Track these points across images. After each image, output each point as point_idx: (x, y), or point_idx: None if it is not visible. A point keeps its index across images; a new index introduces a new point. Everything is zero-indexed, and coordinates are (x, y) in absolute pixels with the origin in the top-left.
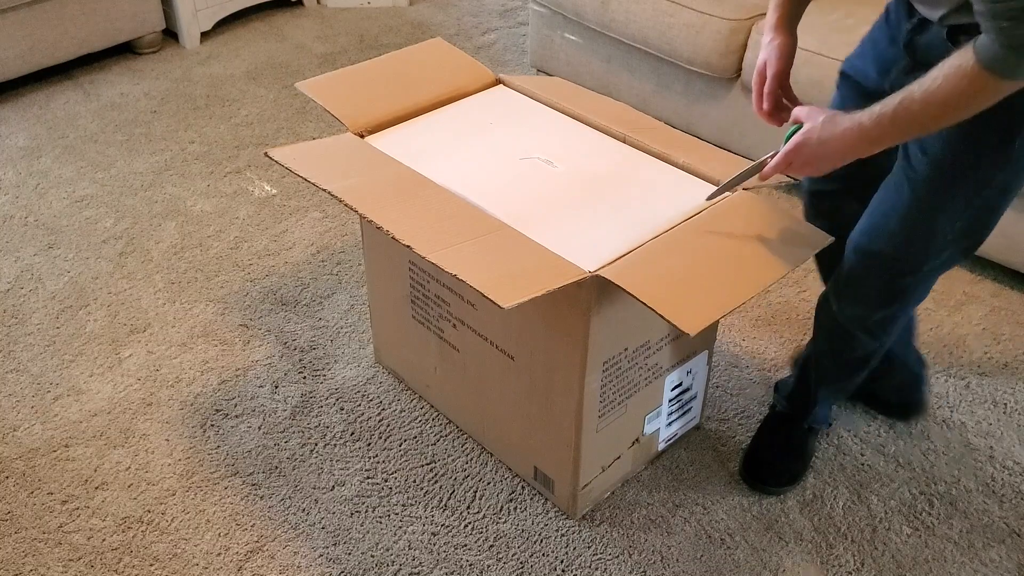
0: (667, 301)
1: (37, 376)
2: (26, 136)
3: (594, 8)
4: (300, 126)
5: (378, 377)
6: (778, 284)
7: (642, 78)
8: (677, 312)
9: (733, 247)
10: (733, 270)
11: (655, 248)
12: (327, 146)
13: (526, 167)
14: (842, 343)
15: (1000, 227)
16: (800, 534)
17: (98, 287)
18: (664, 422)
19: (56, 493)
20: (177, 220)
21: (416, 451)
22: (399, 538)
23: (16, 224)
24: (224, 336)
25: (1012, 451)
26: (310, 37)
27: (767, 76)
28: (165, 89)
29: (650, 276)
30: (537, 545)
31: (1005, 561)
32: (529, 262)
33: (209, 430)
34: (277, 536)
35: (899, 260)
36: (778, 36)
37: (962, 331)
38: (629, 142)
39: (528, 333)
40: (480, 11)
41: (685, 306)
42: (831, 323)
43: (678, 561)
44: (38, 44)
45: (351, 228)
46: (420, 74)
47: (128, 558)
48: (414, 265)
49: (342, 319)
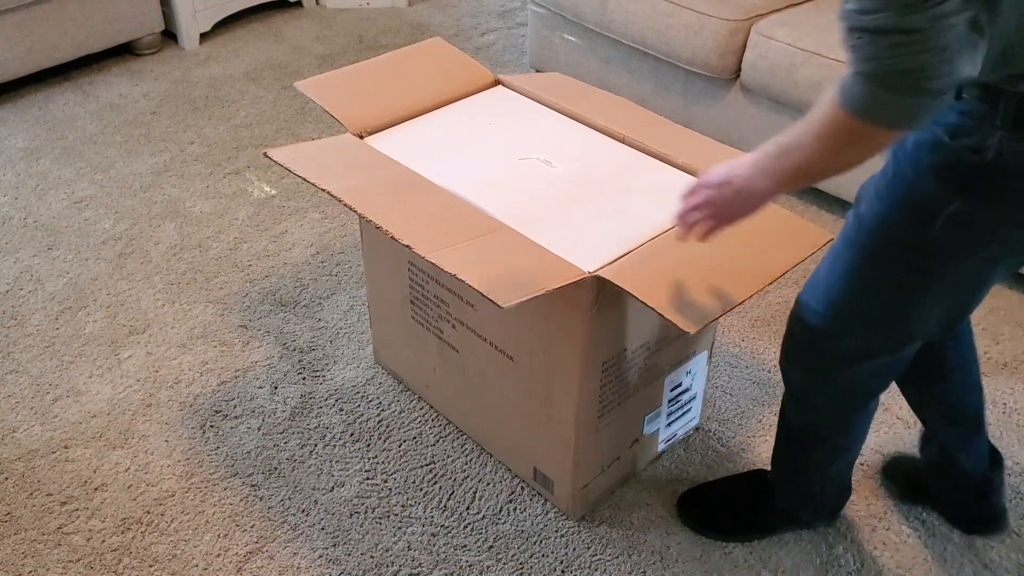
0: (666, 301)
1: (36, 377)
2: (25, 137)
3: (593, 9)
4: (299, 127)
5: (377, 378)
6: (777, 284)
7: (641, 79)
8: (676, 311)
9: (732, 246)
10: (732, 269)
11: (654, 248)
12: (326, 147)
13: (525, 167)
14: (784, 403)
15: None
16: (800, 534)
17: (97, 288)
18: (664, 423)
19: (55, 494)
20: (176, 221)
21: (415, 452)
22: (399, 539)
23: (15, 225)
24: (223, 337)
25: (1012, 451)
26: (309, 38)
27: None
28: (164, 90)
29: (649, 276)
30: (537, 546)
31: (1005, 561)
32: (528, 262)
33: (208, 431)
34: (276, 537)
35: (823, 317)
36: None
37: None
38: (628, 142)
39: (528, 334)
40: (479, 12)
41: (685, 305)
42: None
43: (678, 561)
44: (37, 45)
45: (350, 229)
46: (419, 74)
47: (127, 559)
48: (413, 266)
49: (341, 320)
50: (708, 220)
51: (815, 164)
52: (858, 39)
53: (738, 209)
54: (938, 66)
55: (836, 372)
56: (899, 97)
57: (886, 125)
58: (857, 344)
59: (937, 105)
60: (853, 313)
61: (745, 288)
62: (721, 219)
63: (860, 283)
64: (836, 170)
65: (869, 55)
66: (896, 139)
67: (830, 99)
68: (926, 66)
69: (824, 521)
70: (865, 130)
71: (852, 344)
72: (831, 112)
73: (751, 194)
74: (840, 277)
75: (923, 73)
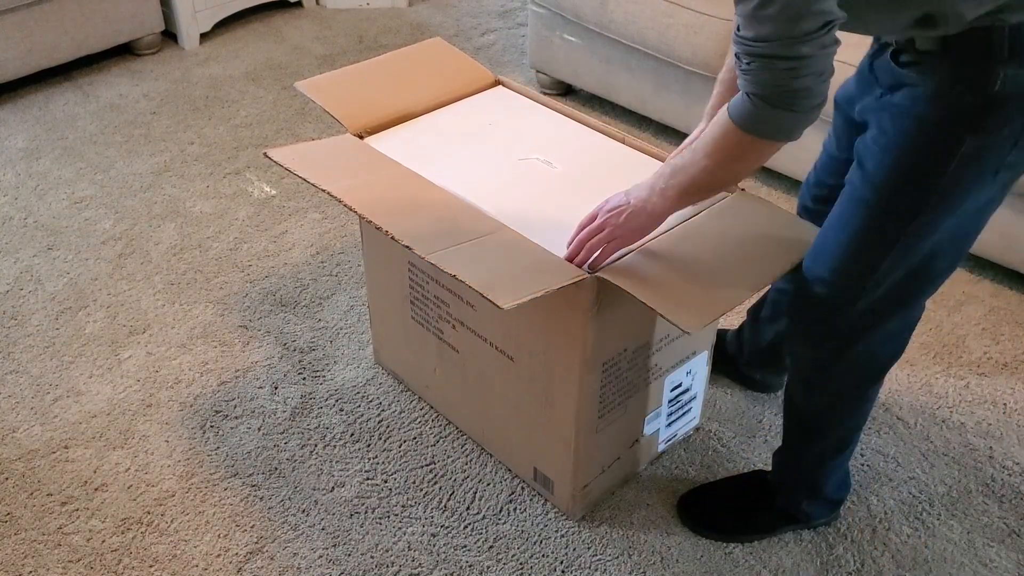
0: (667, 300)
1: (36, 377)
2: (25, 137)
3: (593, 9)
4: (299, 127)
5: (378, 378)
6: None
7: (641, 79)
8: (677, 311)
9: (732, 246)
10: (733, 269)
11: (654, 248)
12: (327, 147)
13: (525, 167)
14: (791, 390)
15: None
16: (800, 534)
17: (97, 288)
18: (664, 423)
19: (55, 494)
20: (176, 221)
21: (416, 452)
22: (399, 539)
23: (15, 225)
24: (223, 337)
25: (1012, 451)
26: (309, 38)
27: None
28: (164, 90)
29: (649, 276)
30: (537, 546)
31: (1005, 561)
32: (528, 263)
33: (208, 431)
34: (277, 537)
35: (832, 286)
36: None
37: (962, 331)
38: (628, 142)
39: (528, 334)
40: (479, 12)
41: (685, 305)
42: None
43: (678, 562)
44: (37, 45)
45: (351, 229)
46: (420, 74)
47: (128, 559)
48: (413, 266)
49: (342, 320)
50: (612, 243)
51: (705, 178)
52: (749, 64)
53: (639, 228)
54: (819, 87)
55: (852, 343)
56: (785, 113)
57: (771, 138)
58: (871, 307)
59: (813, 119)
60: (864, 273)
61: (746, 287)
62: (623, 240)
63: (874, 239)
64: (724, 183)
65: (760, 79)
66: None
67: (722, 120)
68: (811, 87)
69: (826, 518)
70: (753, 144)
71: (866, 307)
72: (723, 130)
73: (649, 214)
74: (851, 238)
75: (808, 93)
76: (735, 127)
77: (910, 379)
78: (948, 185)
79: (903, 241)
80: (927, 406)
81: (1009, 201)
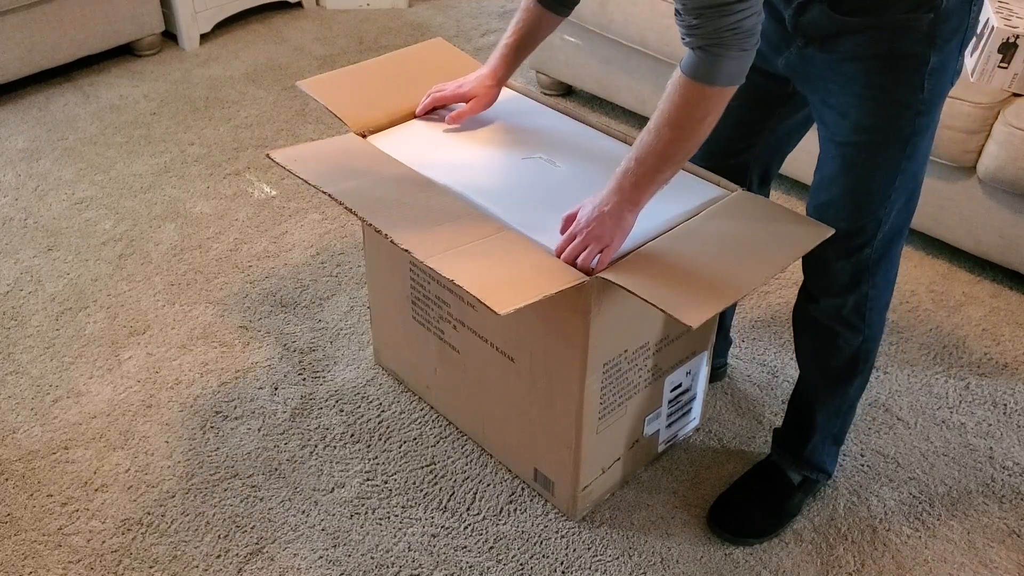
0: (668, 297)
1: (37, 378)
2: (25, 138)
3: (592, 10)
4: (300, 128)
5: (378, 379)
6: (778, 284)
7: (641, 79)
8: (678, 307)
9: (733, 244)
10: (733, 266)
11: (655, 248)
12: (328, 147)
13: (528, 166)
14: (825, 346)
15: (999, 227)
16: (800, 534)
17: (98, 289)
18: (664, 423)
19: (56, 495)
20: (177, 222)
21: (416, 453)
22: (399, 540)
23: (16, 226)
24: (224, 338)
25: (1012, 452)
26: (309, 39)
27: (453, 101)
28: (164, 91)
29: (650, 275)
30: (537, 547)
31: (1005, 561)
32: (529, 266)
33: (209, 432)
34: (277, 538)
35: (852, 232)
36: (492, 80)
37: (962, 332)
38: (630, 142)
39: (528, 335)
40: (479, 12)
41: (686, 301)
42: (811, 325)
43: (678, 562)
44: (37, 46)
45: (351, 229)
46: (421, 74)
47: (128, 560)
48: (414, 266)
49: (342, 320)
50: (604, 253)
51: (670, 156)
52: (697, 19)
53: (618, 232)
54: (759, 25)
55: (874, 275)
56: (737, 54)
57: (728, 83)
58: (886, 236)
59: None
60: (879, 207)
61: (746, 283)
62: (613, 248)
63: (879, 175)
64: (686, 153)
65: (713, 27)
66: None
67: (676, 83)
68: (756, 26)
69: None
70: (715, 94)
71: (882, 238)
72: (680, 91)
73: (621, 216)
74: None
75: (753, 31)
76: (692, 82)
77: (910, 379)
78: (927, 101)
79: (903, 166)
80: (927, 406)
81: (1009, 201)
